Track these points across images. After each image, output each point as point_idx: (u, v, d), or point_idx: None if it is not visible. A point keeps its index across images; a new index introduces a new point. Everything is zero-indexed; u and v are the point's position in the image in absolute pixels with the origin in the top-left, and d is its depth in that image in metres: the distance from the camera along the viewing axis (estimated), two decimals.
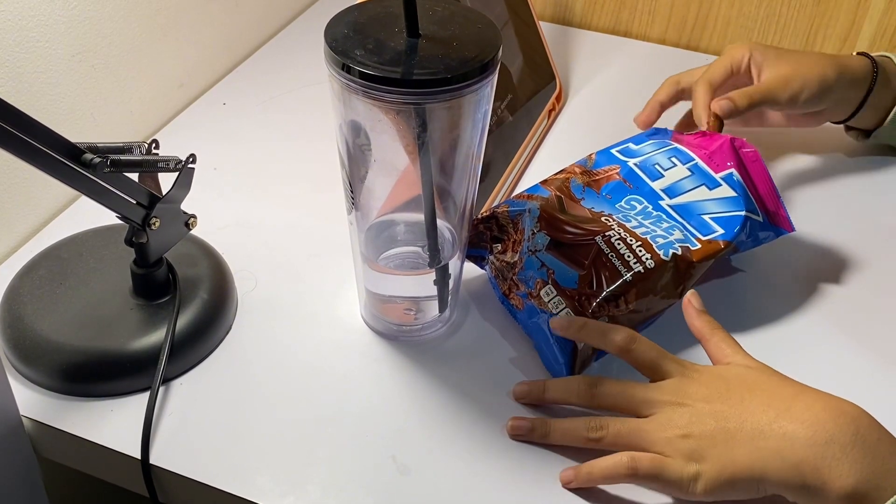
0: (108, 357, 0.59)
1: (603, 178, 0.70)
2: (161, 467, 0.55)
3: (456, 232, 0.61)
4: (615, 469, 0.53)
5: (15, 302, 0.62)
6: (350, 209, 0.59)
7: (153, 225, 0.58)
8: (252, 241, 0.72)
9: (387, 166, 0.57)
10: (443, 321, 0.65)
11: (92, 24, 0.73)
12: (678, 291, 0.63)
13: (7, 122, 0.48)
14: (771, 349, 0.65)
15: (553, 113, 0.90)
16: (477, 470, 0.56)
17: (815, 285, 0.71)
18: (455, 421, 0.59)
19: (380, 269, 0.62)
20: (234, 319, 0.65)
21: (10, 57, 0.66)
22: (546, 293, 0.61)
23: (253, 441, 0.57)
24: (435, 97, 0.50)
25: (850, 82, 0.76)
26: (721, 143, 0.70)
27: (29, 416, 0.58)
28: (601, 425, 0.55)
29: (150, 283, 0.61)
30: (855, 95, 0.77)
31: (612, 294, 0.61)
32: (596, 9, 1.06)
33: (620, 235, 0.63)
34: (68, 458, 0.60)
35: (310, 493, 0.54)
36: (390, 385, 0.61)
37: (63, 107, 0.72)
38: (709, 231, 0.66)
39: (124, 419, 0.58)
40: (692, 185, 0.69)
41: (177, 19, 0.84)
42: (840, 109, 0.79)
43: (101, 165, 0.52)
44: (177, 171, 0.59)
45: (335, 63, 0.51)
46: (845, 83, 0.76)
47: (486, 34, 0.53)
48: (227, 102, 0.89)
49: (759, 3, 0.99)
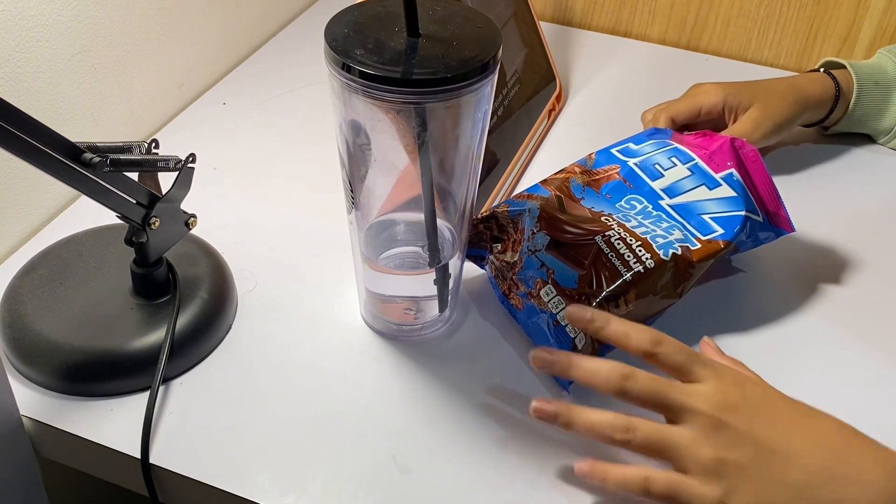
0: (108, 357, 0.59)
1: (603, 178, 0.70)
2: (161, 467, 0.55)
3: (456, 232, 0.61)
4: (628, 483, 0.51)
5: (15, 302, 0.62)
6: (350, 209, 0.59)
7: (153, 224, 0.58)
8: (252, 240, 0.72)
9: (387, 166, 0.57)
10: (443, 321, 0.65)
11: (92, 24, 0.73)
12: (678, 291, 0.63)
13: (7, 121, 0.48)
14: (771, 349, 0.65)
15: (553, 113, 0.90)
16: (477, 470, 0.56)
17: (815, 285, 0.71)
18: (455, 421, 0.59)
19: (380, 269, 0.62)
20: (234, 319, 0.65)
21: (10, 57, 0.66)
22: (546, 293, 0.61)
23: (253, 440, 0.57)
24: (435, 97, 0.50)
25: (813, 109, 0.82)
26: (721, 143, 0.70)
27: (29, 416, 0.58)
28: (630, 427, 0.51)
29: (150, 282, 0.61)
30: (816, 115, 0.83)
31: (611, 294, 0.61)
32: (596, 9, 1.06)
33: (620, 235, 0.63)
34: (68, 458, 0.60)
35: (309, 492, 0.54)
36: (390, 385, 0.61)
37: (63, 107, 0.72)
38: (709, 231, 0.66)
39: (124, 419, 0.58)
40: (692, 184, 0.69)
41: (177, 19, 0.84)
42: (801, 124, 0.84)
43: (100, 165, 0.52)
44: (177, 170, 0.59)
45: (335, 62, 0.51)
46: (808, 111, 0.82)
47: (487, 34, 0.53)
48: (226, 102, 0.89)
49: (759, 3, 0.99)
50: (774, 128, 0.79)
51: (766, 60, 1.02)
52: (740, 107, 0.79)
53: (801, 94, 0.81)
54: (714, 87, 0.80)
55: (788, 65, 1.01)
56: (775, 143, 0.85)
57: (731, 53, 1.03)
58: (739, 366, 0.58)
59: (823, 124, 0.85)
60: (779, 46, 1.01)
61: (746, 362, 0.64)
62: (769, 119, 0.79)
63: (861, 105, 0.83)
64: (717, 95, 0.79)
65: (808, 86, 0.81)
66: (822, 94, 0.81)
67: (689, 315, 0.67)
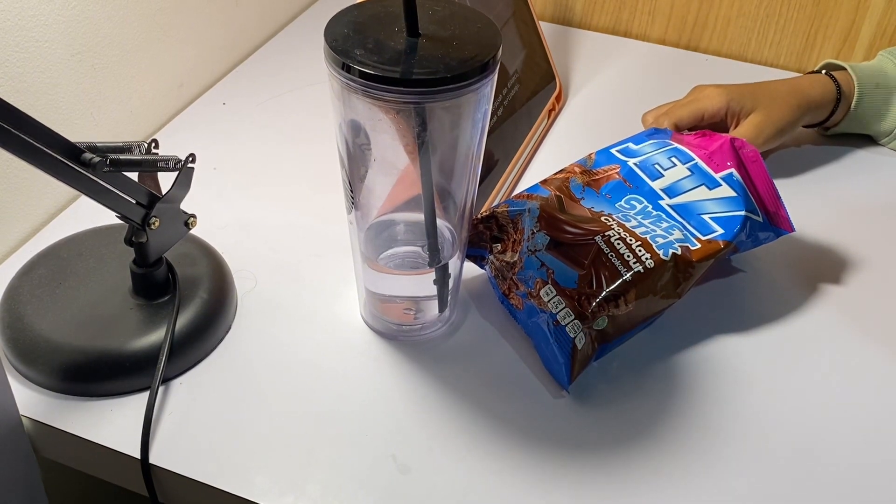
0: (108, 357, 0.59)
1: (603, 178, 0.70)
2: (161, 467, 0.55)
3: (456, 232, 0.61)
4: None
5: (15, 302, 0.62)
6: (350, 209, 0.59)
7: (153, 224, 0.58)
8: (252, 240, 0.72)
9: (386, 166, 0.57)
10: (442, 321, 0.65)
11: (92, 24, 0.73)
12: (678, 291, 0.63)
13: (7, 121, 0.48)
14: (771, 349, 0.65)
15: (553, 113, 0.90)
16: (477, 470, 0.56)
17: (815, 285, 0.71)
18: (455, 420, 0.59)
19: (379, 269, 0.62)
20: (234, 319, 0.65)
21: (10, 57, 0.66)
22: (546, 293, 0.61)
23: (253, 440, 0.57)
24: (435, 97, 0.50)
25: (814, 111, 0.82)
26: (721, 143, 0.70)
27: (29, 416, 0.58)
28: None
29: (150, 282, 0.61)
30: (817, 117, 0.84)
31: (611, 294, 0.61)
32: (596, 9, 1.06)
33: (620, 235, 0.63)
34: (68, 458, 0.60)
35: (309, 492, 0.54)
36: (390, 384, 0.61)
37: (63, 107, 0.72)
38: (708, 231, 0.66)
39: (124, 419, 0.58)
40: (692, 184, 0.69)
41: (177, 19, 0.84)
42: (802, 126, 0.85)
43: (100, 165, 0.52)
44: (176, 170, 0.59)
45: (335, 62, 0.51)
46: (810, 113, 0.82)
47: (486, 34, 0.53)
48: (226, 102, 0.89)
49: (759, 3, 0.99)
50: (776, 133, 0.80)
51: (766, 60, 1.02)
52: (742, 111, 0.80)
53: (802, 97, 0.81)
54: (717, 91, 0.80)
55: (788, 65, 1.01)
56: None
57: (731, 53, 1.03)
58: None
59: (824, 125, 0.85)
60: (779, 46, 1.01)
61: (746, 362, 0.64)
62: (771, 125, 0.79)
63: (862, 107, 0.83)
64: (720, 100, 0.79)
65: (809, 88, 0.82)
66: (823, 97, 0.82)
67: (689, 315, 0.67)
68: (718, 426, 0.59)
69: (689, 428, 0.59)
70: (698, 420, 0.60)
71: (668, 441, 0.58)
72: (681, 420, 0.59)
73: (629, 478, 0.56)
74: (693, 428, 0.59)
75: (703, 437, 0.58)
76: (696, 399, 0.61)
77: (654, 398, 0.61)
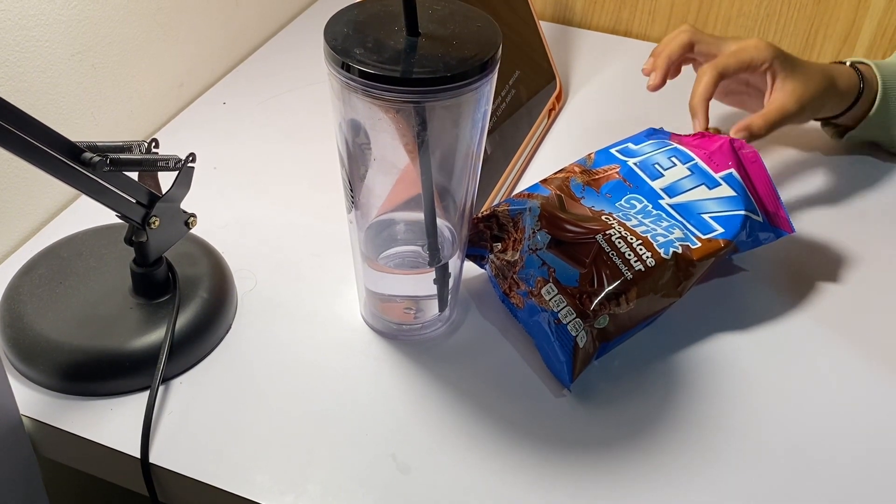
0: (108, 356, 0.59)
1: (602, 178, 0.70)
2: (161, 466, 0.55)
3: (456, 231, 0.61)
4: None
5: (15, 301, 0.62)
6: (350, 208, 0.59)
7: (153, 224, 0.58)
8: (252, 240, 0.72)
9: (386, 165, 0.57)
10: (443, 320, 0.65)
11: (92, 24, 0.73)
12: (679, 290, 0.63)
13: (7, 121, 0.48)
14: (771, 349, 0.65)
15: (553, 112, 0.90)
16: (477, 469, 0.56)
17: (815, 285, 0.71)
18: (455, 420, 0.59)
19: (379, 268, 0.62)
20: (234, 318, 0.65)
21: (10, 57, 0.66)
22: (547, 291, 0.61)
23: (253, 440, 0.57)
24: (435, 96, 0.50)
25: (837, 100, 0.80)
26: (720, 143, 0.70)
27: (29, 416, 0.58)
28: None
29: (150, 282, 0.61)
30: (839, 106, 0.81)
31: (612, 292, 0.61)
32: (596, 8, 1.06)
33: (621, 234, 0.63)
34: (68, 458, 0.60)
35: (309, 491, 0.54)
36: (390, 384, 0.61)
37: (63, 106, 0.72)
38: (709, 230, 0.66)
39: (124, 418, 0.58)
40: (692, 184, 0.69)
41: (177, 19, 0.84)
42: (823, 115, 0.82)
43: (100, 164, 0.52)
44: (176, 169, 0.59)
45: (335, 62, 0.51)
46: (834, 100, 0.80)
47: (486, 33, 0.53)
48: (226, 102, 0.89)
49: (759, 3, 0.99)
50: (811, 101, 0.77)
51: None
52: (782, 74, 0.77)
53: (831, 80, 0.79)
54: (764, 43, 0.77)
55: None
56: (776, 143, 0.85)
57: None
58: None
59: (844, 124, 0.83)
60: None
61: (746, 361, 0.64)
62: (808, 97, 0.77)
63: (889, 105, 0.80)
64: (767, 53, 0.76)
65: (837, 74, 0.80)
66: (848, 86, 0.80)
67: (690, 314, 0.67)
68: (719, 425, 0.59)
69: (690, 426, 0.59)
70: (699, 418, 0.60)
71: (668, 439, 0.58)
72: (681, 418, 0.59)
73: (630, 476, 0.56)
74: (694, 426, 0.59)
75: (703, 436, 0.58)
76: (696, 397, 0.61)
77: (655, 396, 0.61)
